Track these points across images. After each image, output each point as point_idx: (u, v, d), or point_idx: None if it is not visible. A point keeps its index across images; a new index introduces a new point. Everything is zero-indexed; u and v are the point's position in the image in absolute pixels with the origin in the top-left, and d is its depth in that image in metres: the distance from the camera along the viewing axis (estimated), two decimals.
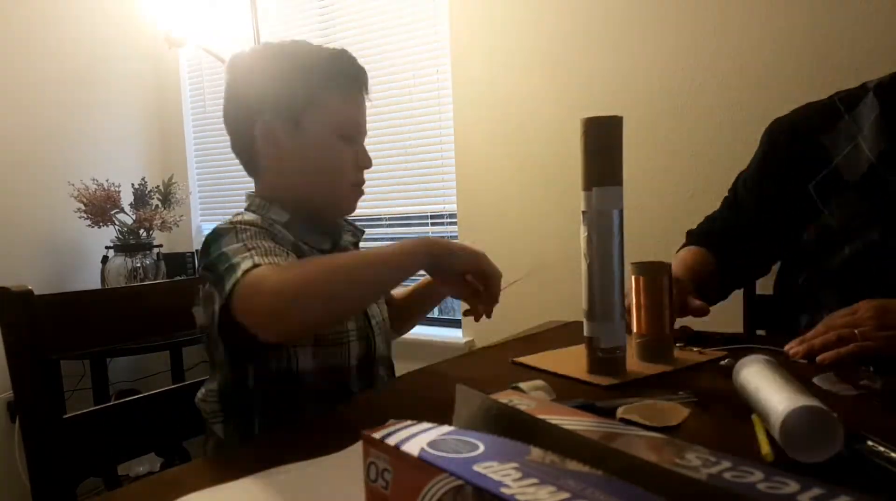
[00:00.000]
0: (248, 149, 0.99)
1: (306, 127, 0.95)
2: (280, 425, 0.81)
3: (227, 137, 1.01)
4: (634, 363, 0.90)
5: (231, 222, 0.88)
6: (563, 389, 0.82)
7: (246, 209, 0.98)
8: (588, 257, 0.85)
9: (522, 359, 0.96)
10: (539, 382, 0.72)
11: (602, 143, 0.84)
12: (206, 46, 2.27)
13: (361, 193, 1.03)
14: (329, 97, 0.96)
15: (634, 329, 0.94)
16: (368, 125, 1.05)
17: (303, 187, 0.97)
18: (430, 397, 0.82)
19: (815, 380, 0.76)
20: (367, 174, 1.02)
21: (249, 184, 1.03)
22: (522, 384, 0.64)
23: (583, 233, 0.85)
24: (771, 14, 1.63)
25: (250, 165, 1.01)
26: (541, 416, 0.38)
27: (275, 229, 0.92)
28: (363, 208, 2.44)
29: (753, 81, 1.66)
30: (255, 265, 0.76)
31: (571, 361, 0.92)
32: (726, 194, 1.30)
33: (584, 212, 0.85)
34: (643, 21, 1.79)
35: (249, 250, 0.80)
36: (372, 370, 1.01)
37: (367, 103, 1.03)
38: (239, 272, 0.76)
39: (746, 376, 0.65)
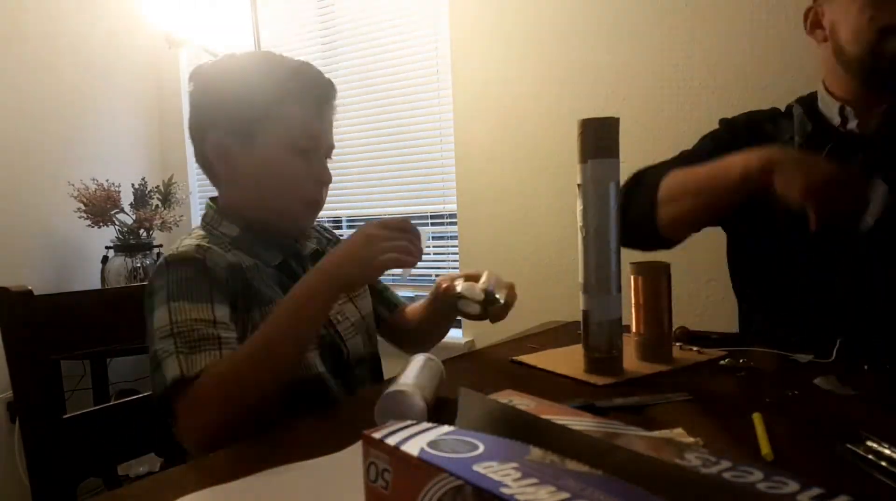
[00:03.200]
0: (205, 162, 0.98)
1: (259, 141, 0.93)
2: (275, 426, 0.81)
3: None
4: (633, 363, 0.90)
5: (167, 261, 0.86)
6: (563, 388, 0.82)
7: (202, 220, 0.98)
8: (584, 230, 0.85)
9: (521, 358, 0.96)
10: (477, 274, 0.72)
11: (599, 143, 0.84)
12: (207, 47, 2.27)
13: (318, 209, 1.00)
14: (285, 111, 0.93)
15: (634, 329, 0.94)
16: (369, 125, 1.04)
17: (254, 202, 0.95)
18: None
19: (817, 381, 0.76)
20: (367, 174, 1.02)
21: None
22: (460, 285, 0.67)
23: (579, 206, 0.86)
24: (770, 14, 1.62)
25: (210, 177, 1.00)
26: (541, 416, 0.38)
27: (211, 253, 0.87)
28: (363, 209, 2.45)
29: (753, 81, 1.66)
30: (176, 379, 0.76)
31: (570, 360, 0.92)
32: None
33: (579, 185, 0.85)
34: (643, 21, 1.79)
35: (174, 334, 0.79)
36: (349, 373, 0.98)
37: (337, 116, 1.00)
38: (167, 379, 0.76)
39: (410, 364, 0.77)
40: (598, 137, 0.84)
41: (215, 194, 1.03)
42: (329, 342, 0.96)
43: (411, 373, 0.73)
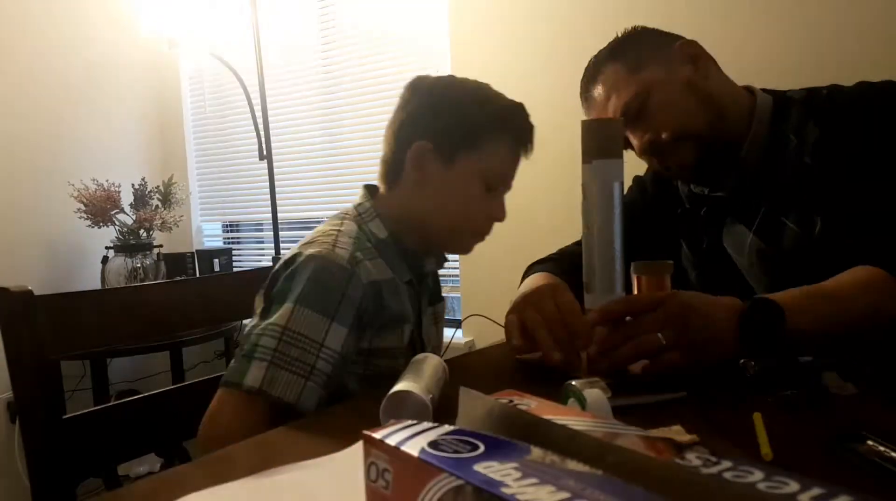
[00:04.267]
0: (397, 163, 0.99)
1: (458, 165, 0.96)
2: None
3: (227, 137, 1.02)
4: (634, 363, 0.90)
5: (317, 258, 0.87)
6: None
7: (355, 209, 0.99)
8: (588, 230, 0.85)
9: (524, 356, 0.96)
10: (595, 379, 0.69)
11: (602, 144, 0.84)
12: (207, 47, 2.27)
13: (481, 241, 1.04)
14: (492, 146, 0.97)
15: None
16: (369, 125, 1.05)
17: (428, 218, 0.98)
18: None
19: (817, 381, 0.76)
20: (367, 174, 1.03)
21: (249, 185, 1.03)
22: (576, 382, 0.63)
23: (583, 206, 0.86)
24: (771, 15, 1.62)
25: (389, 176, 1.01)
26: (541, 416, 0.38)
27: (362, 267, 0.89)
28: None
29: (753, 79, 1.66)
30: (252, 390, 0.80)
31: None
32: None
33: (583, 185, 0.85)
34: (643, 21, 1.79)
35: (280, 339, 0.82)
36: None
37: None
38: (246, 379, 0.80)
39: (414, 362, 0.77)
40: (602, 139, 0.84)
41: (214, 192, 1.03)
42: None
43: (415, 372, 0.73)
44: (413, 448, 0.33)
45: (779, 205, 0.99)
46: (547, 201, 1.98)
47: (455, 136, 0.95)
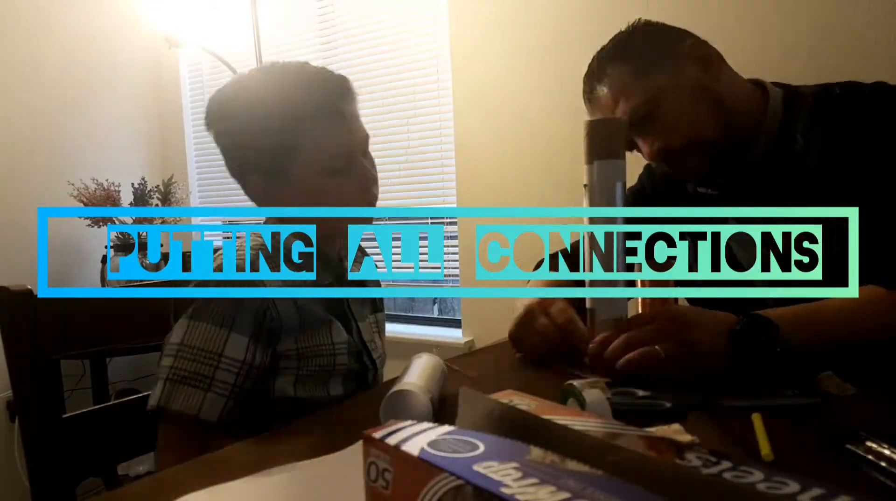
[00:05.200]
0: (255, 200, 0.97)
1: (295, 174, 0.90)
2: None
3: None
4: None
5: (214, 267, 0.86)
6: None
7: (263, 224, 0.96)
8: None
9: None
10: (595, 379, 0.70)
11: (605, 145, 0.84)
12: (206, 46, 2.27)
13: (373, 215, 0.99)
14: (308, 137, 0.88)
15: None
16: (368, 125, 1.02)
17: (316, 231, 0.94)
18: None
19: (817, 382, 0.76)
20: None
21: None
22: (576, 382, 0.63)
23: (586, 206, 0.86)
24: (771, 14, 1.62)
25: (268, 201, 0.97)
26: (541, 416, 0.38)
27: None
28: None
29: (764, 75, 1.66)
30: (153, 409, 0.82)
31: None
32: None
33: (585, 185, 0.85)
34: (646, 12, 1.79)
35: (175, 356, 0.83)
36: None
37: (361, 108, 0.99)
38: (151, 401, 0.83)
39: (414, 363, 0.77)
40: (605, 139, 0.84)
41: (214, 192, 1.03)
42: (359, 370, 0.96)
43: (415, 372, 0.73)
44: (413, 448, 0.33)
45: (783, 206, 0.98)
46: (545, 200, 1.98)
47: (271, 154, 0.89)
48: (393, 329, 2.17)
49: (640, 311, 0.96)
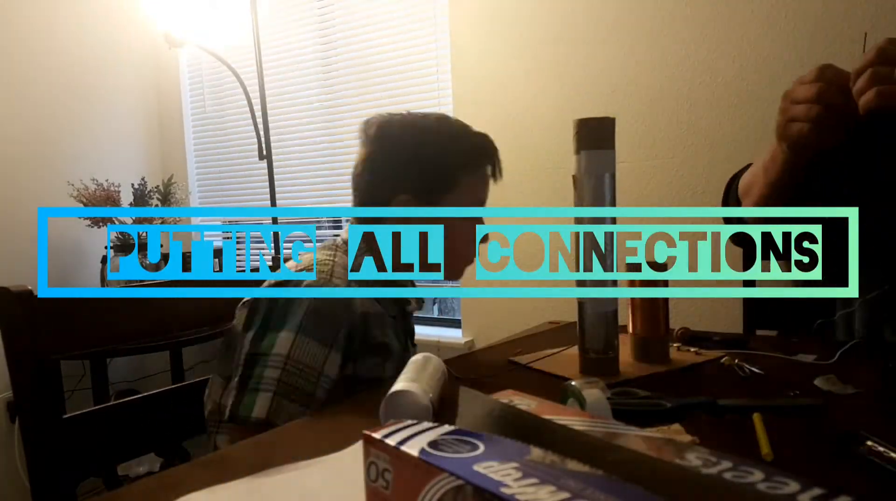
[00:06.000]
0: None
1: (444, 206, 1.00)
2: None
3: (227, 136, 1.02)
4: (630, 364, 0.90)
5: (320, 282, 0.90)
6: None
7: (344, 243, 1.00)
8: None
9: (518, 358, 0.96)
10: (594, 379, 0.69)
11: (594, 136, 0.84)
12: (206, 46, 2.27)
13: (469, 265, 1.08)
14: (468, 183, 1.01)
15: (630, 329, 0.94)
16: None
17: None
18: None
19: (817, 382, 0.76)
20: None
21: (249, 185, 1.03)
22: (576, 382, 0.63)
23: (575, 198, 0.85)
24: (771, 13, 1.62)
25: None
26: (541, 416, 0.38)
27: (355, 296, 0.92)
28: None
29: (753, 80, 1.66)
30: (260, 421, 0.82)
31: (565, 361, 0.92)
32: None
33: (574, 176, 0.85)
34: (643, 21, 1.79)
35: (284, 370, 0.84)
36: None
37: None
38: (252, 412, 0.83)
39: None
40: (594, 133, 0.84)
41: (214, 192, 1.03)
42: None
43: (415, 372, 0.73)
44: (413, 448, 0.33)
45: None
46: (547, 201, 1.98)
47: (433, 183, 1.00)
48: None
49: None
